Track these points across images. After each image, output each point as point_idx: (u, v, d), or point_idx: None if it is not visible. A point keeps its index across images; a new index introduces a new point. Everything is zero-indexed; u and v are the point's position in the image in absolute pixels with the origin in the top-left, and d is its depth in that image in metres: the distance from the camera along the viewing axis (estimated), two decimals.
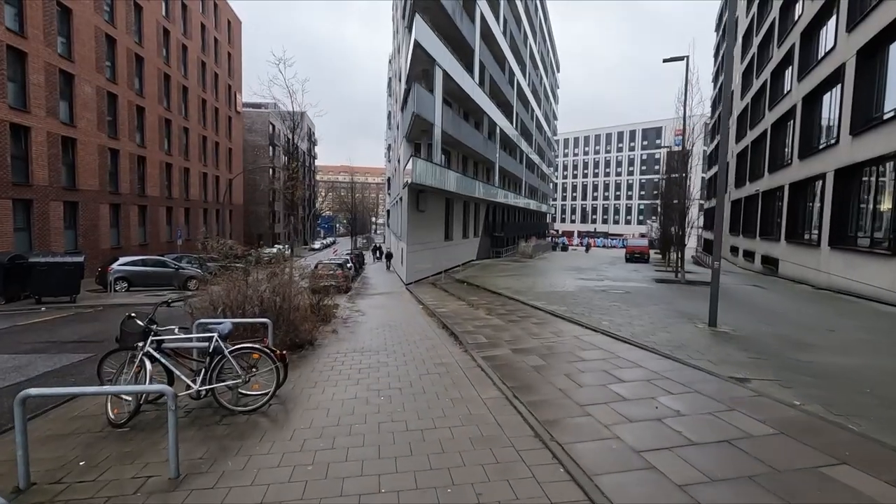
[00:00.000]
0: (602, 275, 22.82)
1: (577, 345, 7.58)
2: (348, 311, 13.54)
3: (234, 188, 46.39)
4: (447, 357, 7.22)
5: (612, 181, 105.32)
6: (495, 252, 39.28)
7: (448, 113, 24.57)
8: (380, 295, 19.34)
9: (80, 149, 22.62)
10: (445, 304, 13.50)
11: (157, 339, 4.88)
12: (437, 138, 22.83)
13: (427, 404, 5.12)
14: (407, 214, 22.73)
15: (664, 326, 9.16)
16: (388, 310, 13.76)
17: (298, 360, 7.26)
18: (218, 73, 41.19)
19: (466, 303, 13.58)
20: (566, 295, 14.14)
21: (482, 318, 10.57)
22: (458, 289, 18.04)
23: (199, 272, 21.66)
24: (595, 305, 11.97)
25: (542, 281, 19.14)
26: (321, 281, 11.95)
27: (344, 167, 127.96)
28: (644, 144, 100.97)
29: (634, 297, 14.08)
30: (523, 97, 46.78)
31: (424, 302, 14.51)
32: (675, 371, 5.99)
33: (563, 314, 10.47)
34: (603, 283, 18.63)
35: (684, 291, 15.91)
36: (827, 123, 19.49)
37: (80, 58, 22.54)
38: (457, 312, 11.70)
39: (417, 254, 23.29)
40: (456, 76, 24.79)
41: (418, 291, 18.36)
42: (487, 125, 32.83)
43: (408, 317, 11.95)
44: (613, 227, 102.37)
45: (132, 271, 19.05)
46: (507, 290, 15.69)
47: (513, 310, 11.68)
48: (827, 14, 19.76)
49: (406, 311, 13.05)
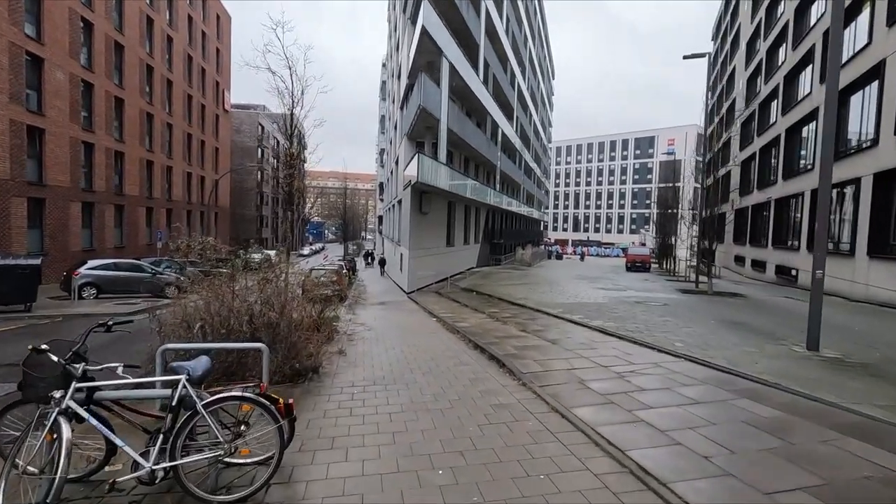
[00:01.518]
0: (617, 284, 21.23)
1: (669, 378, 5.84)
2: (351, 323, 11.68)
3: (221, 190, 44.18)
4: (501, 393, 5.42)
5: (605, 190, 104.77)
6: (495, 259, 37.62)
7: (454, 109, 22.95)
8: (381, 305, 17.47)
9: (48, 140, 20.48)
10: (464, 318, 11.70)
11: (87, 385, 3.03)
12: (442, 136, 21.15)
13: (517, 488, 3.31)
14: (409, 217, 20.95)
15: (749, 350, 7.48)
16: (397, 323, 11.91)
17: (302, 396, 5.40)
18: (205, 69, 39.15)
19: (488, 315, 11.81)
20: (602, 308, 12.44)
21: (517, 337, 8.80)
22: (468, 298, 16.27)
23: (180, 278, 19.62)
24: (644, 320, 10.28)
25: (559, 291, 17.47)
26: (320, 288, 10.10)
27: (333, 173, 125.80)
28: (637, 153, 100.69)
29: (676, 309, 12.46)
30: (523, 100, 45.47)
31: (437, 314, 12.70)
32: (859, 427, 4.28)
33: (616, 331, 8.75)
34: (627, 293, 17.01)
35: (721, 303, 14.32)
36: (860, 124, 18.30)
37: (51, 41, 20.47)
38: (483, 328, 9.92)
39: (420, 260, 21.49)
40: (462, 71, 23.20)
41: (424, 301, 16.54)
42: (490, 126, 31.29)
43: (426, 333, 10.13)
44: (606, 235, 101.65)
45: (102, 276, 16.94)
46: (527, 301, 13.95)
47: (547, 325, 9.93)
48: (856, 10, 18.62)
49: (421, 325, 11.22)
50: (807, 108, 22.10)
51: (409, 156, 21.78)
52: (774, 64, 28.82)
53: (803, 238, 21.40)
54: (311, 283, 9.99)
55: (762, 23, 31.36)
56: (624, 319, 10.34)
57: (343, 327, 10.75)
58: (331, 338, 9.50)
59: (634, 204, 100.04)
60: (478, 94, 26.58)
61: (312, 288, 9.93)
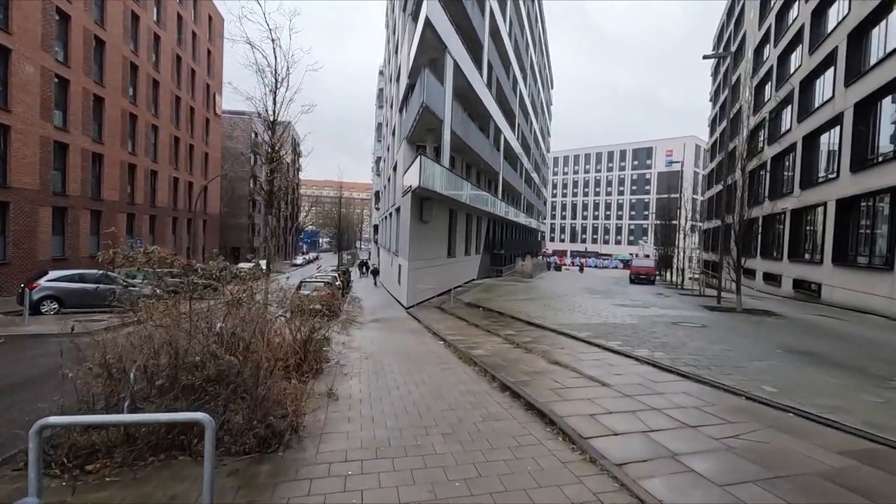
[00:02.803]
0: (634, 299, 19.58)
1: (806, 456, 4.14)
2: (343, 346, 9.94)
3: (211, 197, 42.40)
4: (565, 478, 3.70)
5: (602, 201, 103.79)
6: (496, 271, 35.96)
7: (457, 111, 21.40)
8: (379, 323, 15.72)
9: (14, 138, 18.67)
10: (476, 342, 9.97)
11: None
12: (446, 138, 19.57)
13: None
14: (409, 226, 19.26)
15: (874, 400, 5.80)
16: (399, 348, 10.16)
17: (269, 481, 3.65)
18: (195, 70, 37.53)
19: (504, 339, 10.09)
20: (637, 330, 10.74)
21: (550, 372, 7.09)
22: (476, 316, 14.54)
23: (157, 290, 17.77)
24: (697, 350, 8.59)
25: (575, 307, 15.78)
26: (309, 305, 8.38)
27: (328, 181, 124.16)
28: (634, 164, 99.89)
29: (721, 332, 10.80)
30: (524, 107, 44.18)
31: (444, 336, 10.97)
32: None
33: (675, 367, 7.07)
34: (651, 310, 15.36)
35: (762, 324, 12.68)
36: (894, 130, 17.00)
37: (19, 30, 18.76)
38: (504, 357, 8.20)
39: (420, 272, 19.78)
40: (466, 70, 21.70)
41: (427, 318, 14.80)
42: (493, 132, 29.81)
43: (435, 363, 8.40)
44: (604, 246, 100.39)
45: (64, 288, 15.08)
46: (544, 320, 12.24)
47: (580, 354, 8.23)
48: (886, 9, 17.37)
49: (427, 351, 9.48)
50: (827, 114, 20.79)
51: (410, 160, 20.16)
52: (786, 70, 27.62)
53: (827, 251, 19.97)
54: (298, 302, 8.26)
55: (772, 28, 30.25)
56: (673, 348, 8.66)
57: (335, 353, 9.02)
58: (319, 369, 7.77)
59: (632, 215, 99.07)
60: (481, 96, 25.11)
61: (300, 307, 8.21)
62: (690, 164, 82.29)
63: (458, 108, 21.63)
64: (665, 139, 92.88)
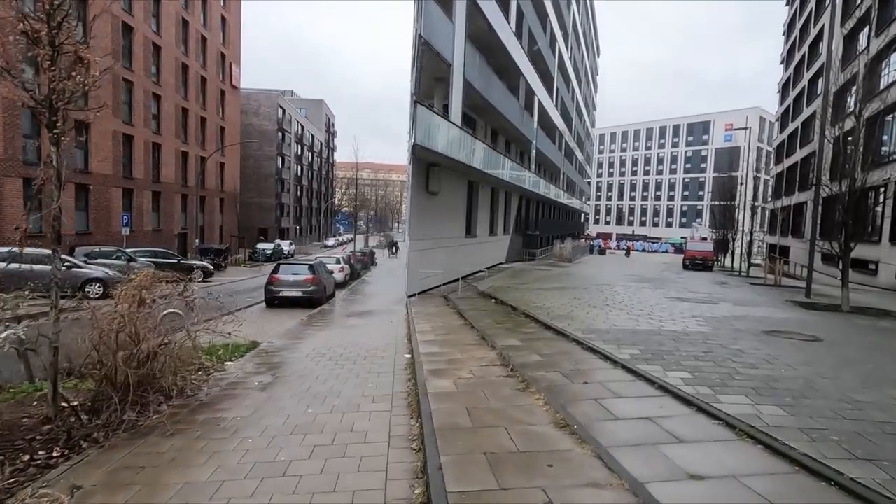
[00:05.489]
0: (695, 291, 15.33)
1: None
2: (266, 357, 6.71)
3: (229, 174, 40.46)
4: None
5: (653, 180, 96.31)
6: (528, 254, 32.01)
7: (474, 59, 17.55)
8: (360, 318, 12.48)
9: None
10: (456, 359, 6.47)
11: None
12: (455, 86, 15.78)
13: None
14: (412, 197, 15.79)
15: None
16: (330, 378, 6.79)
17: None
18: (206, 38, 35.13)
19: (499, 355, 6.53)
20: (710, 345, 6.80)
21: (546, 450, 3.53)
22: (481, 310, 10.98)
23: (109, 273, 15.26)
24: (830, 391, 4.68)
25: (618, 303, 11.86)
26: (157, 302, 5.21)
27: (366, 164, 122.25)
28: (689, 140, 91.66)
29: (844, 349, 6.78)
30: (564, 71, 39.29)
31: (421, 343, 7.54)
32: None
33: (827, 460, 3.32)
34: (720, 308, 11.25)
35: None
36: None
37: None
38: (476, 399, 4.69)
39: (424, 254, 16.35)
40: (486, 8, 17.74)
41: (421, 312, 11.37)
42: (524, 92, 25.59)
43: (366, 405, 4.98)
44: (653, 229, 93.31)
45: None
46: (571, 322, 8.53)
47: (619, 395, 4.58)
48: None
49: (370, 386, 6.05)
50: None
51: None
52: (890, 12, 21.85)
53: None
54: (133, 294, 5.00)
55: None
56: (791, 389, 4.78)
57: (232, 373, 5.80)
58: (159, 411, 4.54)
59: (685, 195, 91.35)
60: (507, 45, 21.00)
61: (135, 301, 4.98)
62: (755, 138, 74.00)
63: (475, 55, 17.75)
64: (724, 111, 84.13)
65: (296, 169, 64.84)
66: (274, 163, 55.54)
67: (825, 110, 16.51)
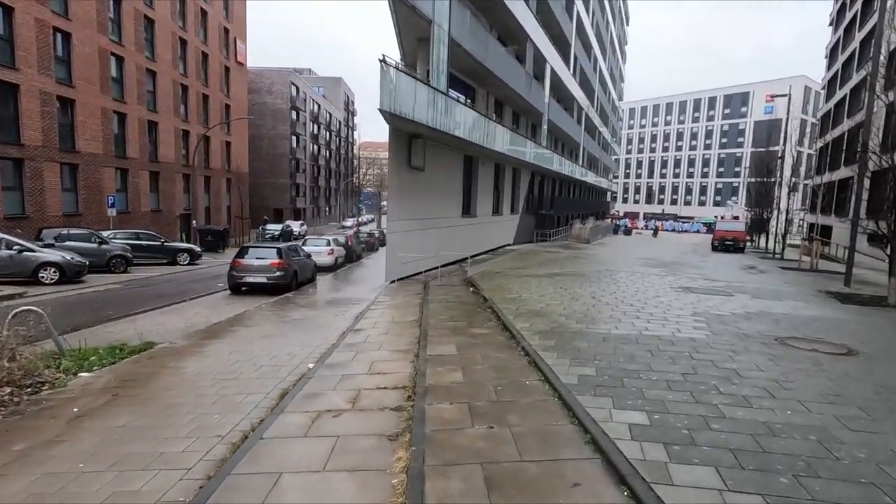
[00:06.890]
0: (713, 278, 13.29)
1: None
2: (116, 379, 5.40)
3: (237, 153, 39.59)
4: None
5: (685, 156, 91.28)
6: (541, 235, 30.07)
7: (463, 13, 15.57)
8: (312, 309, 11.13)
9: None
10: (348, 377, 4.99)
11: None
12: (438, 46, 13.91)
13: None
14: (390, 174, 14.23)
15: None
16: (208, 386, 5.41)
17: None
18: (207, 11, 33.90)
19: (414, 373, 5.02)
20: (696, 362, 5.08)
21: None
22: (449, 302, 9.41)
23: (66, 257, 14.32)
24: (866, 472, 3.02)
25: (606, 290, 10.07)
26: None
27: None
28: (726, 113, 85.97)
29: (885, 370, 4.97)
30: (584, 36, 36.32)
31: (334, 353, 6.10)
32: None
33: None
34: (734, 301, 9.32)
35: None
36: None
37: None
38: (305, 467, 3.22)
39: (406, 236, 14.81)
40: None
41: (386, 303, 9.90)
42: (532, 58, 23.33)
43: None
44: (685, 208, 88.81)
45: None
46: (532, 320, 6.91)
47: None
48: None
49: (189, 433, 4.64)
50: None
51: None
52: None
53: None
54: None
55: None
56: (796, 470, 3.10)
57: (70, 391, 4.49)
58: None
59: (720, 172, 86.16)
60: (508, 1, 18.84)
61: None
62: (798, 110, 68.41)
63: (464, 11, 15.76)
64: (765, 81, 77.92)
65: (312, 148, 63.75)
66: (288, 142, 54.60)
67: (876, 67, 13.94)
